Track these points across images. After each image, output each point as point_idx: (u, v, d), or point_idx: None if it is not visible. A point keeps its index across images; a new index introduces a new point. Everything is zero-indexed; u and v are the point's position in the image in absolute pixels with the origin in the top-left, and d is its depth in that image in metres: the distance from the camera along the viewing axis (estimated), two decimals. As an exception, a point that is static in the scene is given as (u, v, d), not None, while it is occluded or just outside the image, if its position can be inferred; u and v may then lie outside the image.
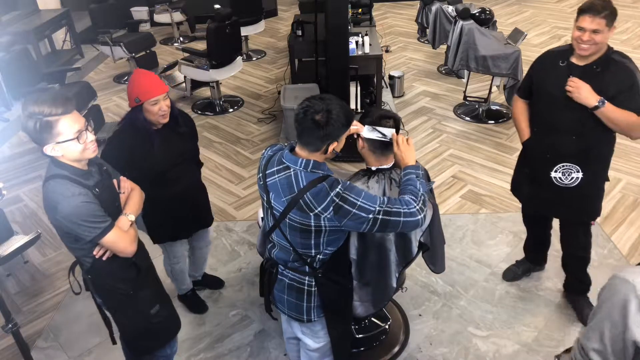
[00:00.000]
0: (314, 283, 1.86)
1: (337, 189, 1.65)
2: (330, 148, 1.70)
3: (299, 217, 1.69)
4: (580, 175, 2.40)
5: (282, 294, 1.94)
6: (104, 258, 1.87)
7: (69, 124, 1.68)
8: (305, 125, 1.64)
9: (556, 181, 2.46)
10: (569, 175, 2.43)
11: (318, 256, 1.81)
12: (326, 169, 1.73)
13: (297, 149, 1.73)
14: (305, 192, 1.66)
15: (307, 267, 1.84)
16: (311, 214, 1.67)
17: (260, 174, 1.81)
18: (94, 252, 1.85)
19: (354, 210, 1.64)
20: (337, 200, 1.64)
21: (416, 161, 1.88)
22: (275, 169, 1.75)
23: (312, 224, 1.69)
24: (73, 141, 1.70)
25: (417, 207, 1.71)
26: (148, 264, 2.10)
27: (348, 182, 1.71)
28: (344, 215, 1.65)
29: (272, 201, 1.76)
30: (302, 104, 1.66)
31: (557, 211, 2.63)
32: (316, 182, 1.66)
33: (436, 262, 2.26)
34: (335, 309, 1.97)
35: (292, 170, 1.70)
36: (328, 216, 1.66)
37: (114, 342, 2.17)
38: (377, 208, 1.65)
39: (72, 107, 1.71)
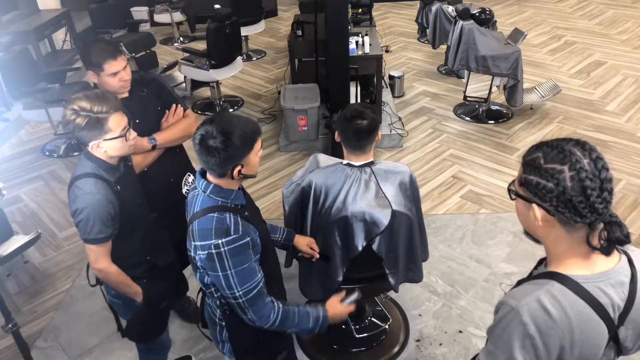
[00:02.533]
0: (222, 317, 1.70)
1: (220, 241, 1.47)
2: (235, 171, 1.51)
3: (188, 243, 1.58)
4: None
5: (206, 316, 1.83)
6: None
7: (118, 122, 1.73)
8: (201, 153, 1.48)
9: None
10: None
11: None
12: (231, 197, 1.56)
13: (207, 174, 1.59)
14: (195, 218, 1.54)
15: (213, 297, 1.66)
16: (192, 243, 1.54)
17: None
18: None
19: (220, 274, 1.50)
20: (213, 251, 1.48)
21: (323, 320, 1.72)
22: (193, 185, 1.65)
23: (192, 254, 1.56)
24: (120, 139, 1.74)
25: (268, 323, 1.60)
26: (169, 261, 2.13)
27: (239, 241, 1.49)
28: (212, 269, 1.51)
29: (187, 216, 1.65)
30: (198, 130, 1.49)
31: None
32: (207, 212, 1.52)
33: (397, 275, 2.20)
34: (249, 355, 1.76)
35: (197, 190, 1.59)
36: (201, 256, 1.51)
37: (123, 333, 2.14)
38: (240, 292, 1.52)
39: (119, 106, 1.75)
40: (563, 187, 1.02)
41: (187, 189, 2.50)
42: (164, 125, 2.34)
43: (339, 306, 1.80)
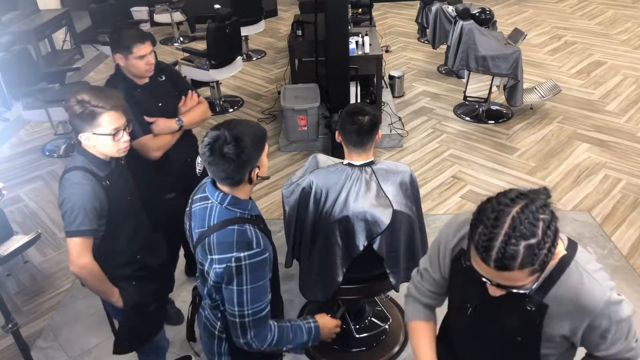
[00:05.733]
0: (224, 329, 1.62)
1: (243, 254, 1.42)
2: (254, 175, 1.48)
3: (201, 256, 1.52)
4: None
5: (200, 329, 1.76)
6: None
7: (110, 120, 1.77)
8: (215, 162, 1.42)
9: None
10: None
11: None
12: (248, 208, 1.52)
13: (218, 184, 1.52)
14: (213, 231, 1.48)
15: (217, 310, 1.59)
16: (209, 256, 1.47)
17: (190, 200, 1.65)
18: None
19: (235, 288, 1.44)
20: (233, 265, 1.42)
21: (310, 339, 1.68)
22: (199, 196, 1.58)
23: (205, 269, 1.50)
24: (108, 137, 1.79)
25: (265, 344, 1.54)
26: (160, 262, 2.12)
27: (260, 256, 1.45)
28: (228, 283, 1.45)
29: (192, 229, 1.59)
30: (205, 141, 1.43)
31: None
32: (226, 224, 1.47)
33: (398, 275, 2.19)
34: None
35: (210, 202, 1.52)
36: (217, 270, 1.45)
37: (114, 350, 2.12)
38: (249, 311, 1.46)
39: (119, 107, 1.80)
40: (552, 219, 1.13)
41: (199, 169, 2.66)
42: (182, 109, 2.51)
43: (327, 318, 1.78)
